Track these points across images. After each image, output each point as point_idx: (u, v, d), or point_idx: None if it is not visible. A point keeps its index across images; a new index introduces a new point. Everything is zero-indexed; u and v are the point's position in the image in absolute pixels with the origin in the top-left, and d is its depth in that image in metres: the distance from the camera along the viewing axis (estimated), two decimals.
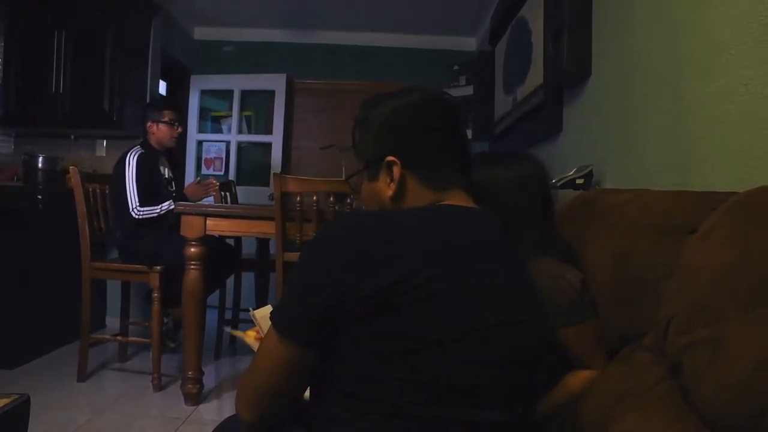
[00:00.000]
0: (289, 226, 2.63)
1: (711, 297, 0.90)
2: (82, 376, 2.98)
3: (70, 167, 3.01)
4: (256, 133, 5.19)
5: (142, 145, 3.20)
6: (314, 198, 2.56)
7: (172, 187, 3.19)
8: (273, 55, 5.17)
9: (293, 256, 2.65)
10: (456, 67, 5.11)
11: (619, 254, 1.31)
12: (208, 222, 2.67)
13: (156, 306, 2.88)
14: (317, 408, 0.92)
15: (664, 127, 1.74)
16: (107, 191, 3.21)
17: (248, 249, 4.17)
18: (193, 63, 5.04)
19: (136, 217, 2.98)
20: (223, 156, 5.08)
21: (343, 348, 0.83)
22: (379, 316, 0.79)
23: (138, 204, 3.00)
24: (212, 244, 2.85)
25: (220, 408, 2.80)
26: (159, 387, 2.90)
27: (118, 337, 3.16)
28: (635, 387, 1.05)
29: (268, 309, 1.36)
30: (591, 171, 2.10)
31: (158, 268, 2.87)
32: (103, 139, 4.06)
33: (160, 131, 3.24)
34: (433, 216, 0.92)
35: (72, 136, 4.01)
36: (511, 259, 0.96)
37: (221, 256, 3.19)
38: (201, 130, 5.06)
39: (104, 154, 4.07)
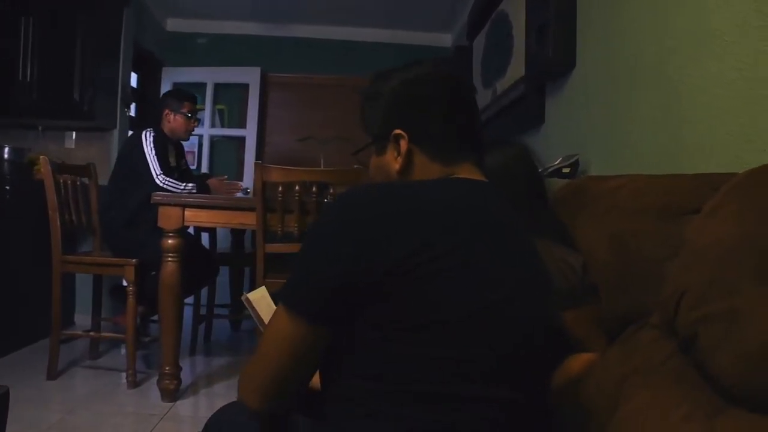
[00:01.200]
0: (270, 217, 2.58)
1: (723, 271, 0.90)
2: (53, 373, 2.87)
3: (41, 156, 2.91)
4: (229, 127, 5.11)
5: (154, 130, 3.12)
6: (296, 188, 2.51)
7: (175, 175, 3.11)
8: (247, 48, 5.08)
9: (275, 248, 2.60)
10: None
11: (616, 237, 1.31)
12: (186, 213, 2.60)
13: (131, 300, 2.80)
14: (325, 392, 0.89)
15: (653, 115, 1.75)
16: (78, 183, 3.11)
17: (222, 244, 4.11)
18: (165, 55, 4.93)
19: (161, 184, 2.89)
20: (196, 150, 4.98)
21: (354, 327, 0.80)
22: (392, 291, 0.77)
23: (162, 172, 2.93)
24: (190, 249, 2.78)
25: (198, 404, 2.74)
26: (134, 384, 2.81)
27: (91, 333, 3.06)
28: (642, 365, 1.05)
29: (262, 290, 1.32)
30: (577, 160, 2.10)
31: (134, 261, 2.78)
32: (73, 130, 3.92)
33: (176, 121, 3.18)
34: (443, 188, 0.90)
35: (39, 128, 3.87)
36: (521, 236, 0.94)
37: (199, 262, 3.09)
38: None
39: (73, 147, 3.93)
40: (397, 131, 0.95)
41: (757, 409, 0.80)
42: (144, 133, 3.03)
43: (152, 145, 2.97)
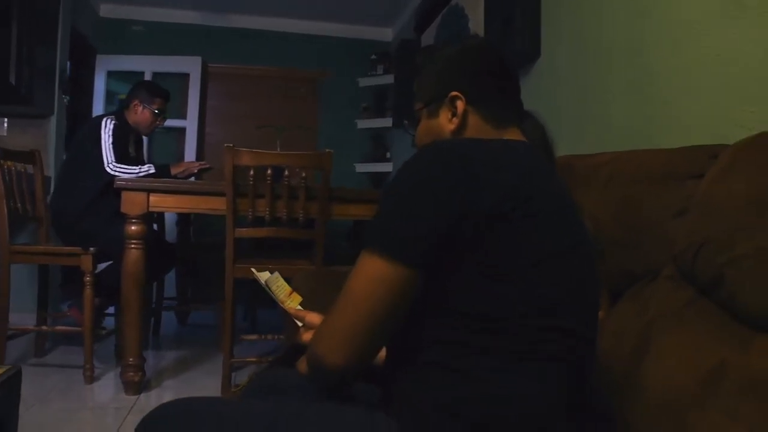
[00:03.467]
0: (240, 202, 2.55)
1: (749, 218, 1.02)
2: None
3: None
4: (168, 117, 4.94)
5: (117, 117, 3.01)
6: (269, 172, 2.50)
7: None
8: (186, 37, 4.96)
9: (244, 232, 2.58)
10: (373, 57, 5.19)
11: (622, 202, 1.42)
12: (151, 198, 2.53)
13: (88, 291, 2.69)
14: (410, 343, 0.89)
15: (627, 98, 1.90)
16: (23, 170, 2.95)
17: (168, 235, 3.99)
18: (98, 42, 4.72)
19: (111, 172, 2.81)
20: None
21: (450, 275, 0.83)
22: (494, 233, 0.81)
23: (114, 160, 2.82)
24: (151, 241, 2.70)
25: (164, 396, 2.67)
26: (91, 378, 2.71)
27: (44, 327, 2.90)
28: (664, 310, 1.15)
29: (269, 274, 1.29)
30: None
31: (92, 249, 2.68)
32: (5, 117, 3.69)
33: (142, 115, 3.12)
34: (510, 145, 0.96)
35: None
36: (568, 192, 1.02)
37: (157, 251, 3.00)
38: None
39: (5, 134, 3.68)
40: (455, 93, 1.01)
41: None
42: (104, 120, 2.94)
43: (111, 132, 2.88)
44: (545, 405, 0.83)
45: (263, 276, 1.23)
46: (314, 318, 1.15)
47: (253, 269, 1.18)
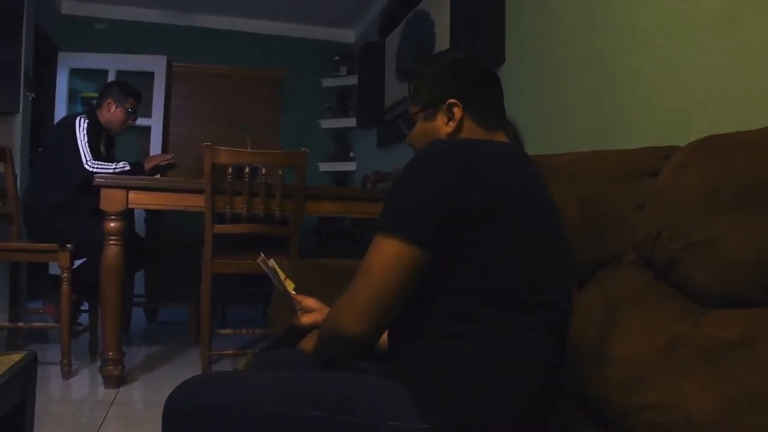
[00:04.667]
0: (218, 199, 2.63)
1: (700, 210, 1.18)
2: None
3: None
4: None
5: (88, 116, 3.05)
6: (246, 170, 2.59)
7: None
8: (150, 36, 4.96)
9: (222, 229, 2.66)
10: (337, 58, 5.29)
11: (585, 197, 1.58)
12: (130, 195, 2.59)
13: (66, 287, 2.71)
14: (416, 317, 1.01)
15: (588, 102, 2.07)
16: None
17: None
18: (60, 39, 4.67)
19: (91, 169, 2.87)
20: None
21: (453, 251, 0.97)
22: (489, 218, 0.96)
23: (92, 158, 2.87)
24: (127, 238, 2.75)
25: (145, 388, 2.72)
26: (69, 374, 2.74)
27: (20, 324, 2.91)
28: (625, 293, 1.32)
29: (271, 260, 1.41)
30: None
31: (69, 246, 2.71)
32: None
33: (115, 113, 3.18)
34: (497, 148, 1.10)
35: None
36: (545, 186, 1.17)
37: (132, 248, 3.05)
38: (70, 113, 4.70)
39: None
40: (452, 100, 1.15)
41: (732, 307, 1.08)
42: (78, 119, 2.98)
43: (85, 132, 2.94)
44: (538, 367, 0.98)
45: (270, 261, 1.35)
46: (311, 302, 1.31)
47: (261, 254, 1.30)
